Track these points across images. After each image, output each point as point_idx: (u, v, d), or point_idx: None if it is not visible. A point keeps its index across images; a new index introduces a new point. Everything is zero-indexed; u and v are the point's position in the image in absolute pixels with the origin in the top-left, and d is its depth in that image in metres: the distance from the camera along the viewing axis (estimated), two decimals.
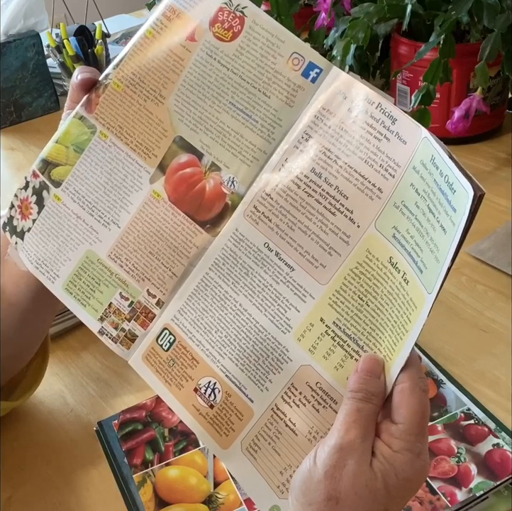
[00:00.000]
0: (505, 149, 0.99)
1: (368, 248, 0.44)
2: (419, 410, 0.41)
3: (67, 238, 0.54)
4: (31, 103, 1.22)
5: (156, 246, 0.52)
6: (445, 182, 0.40)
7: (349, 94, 0.46)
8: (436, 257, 0.40)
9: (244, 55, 0.50)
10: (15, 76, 1.18)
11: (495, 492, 0.55)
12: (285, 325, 0.47)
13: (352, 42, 0.90)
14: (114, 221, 0.53)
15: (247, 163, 0.49)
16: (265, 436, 0.46)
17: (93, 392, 0.69)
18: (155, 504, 0.57)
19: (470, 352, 0.68)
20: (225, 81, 0.50)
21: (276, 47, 0.49)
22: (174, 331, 0.50)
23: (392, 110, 0.45)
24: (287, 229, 0.47)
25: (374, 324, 0.43)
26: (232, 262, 0.49)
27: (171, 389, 0.50)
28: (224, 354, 0.48)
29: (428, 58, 0.87)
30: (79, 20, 1.27)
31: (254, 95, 0.49)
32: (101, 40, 1.11)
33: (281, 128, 0.49)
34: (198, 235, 0.50)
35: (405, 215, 0.43)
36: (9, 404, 0.64)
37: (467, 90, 0.95)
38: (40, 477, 0.61)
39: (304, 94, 0.48)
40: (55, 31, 1.15)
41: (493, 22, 0.84)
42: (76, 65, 1.08)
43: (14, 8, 1.16)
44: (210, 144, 0.51)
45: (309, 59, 0.48)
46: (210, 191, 0.50)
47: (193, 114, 0.51)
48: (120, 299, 0.53)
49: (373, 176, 0.44)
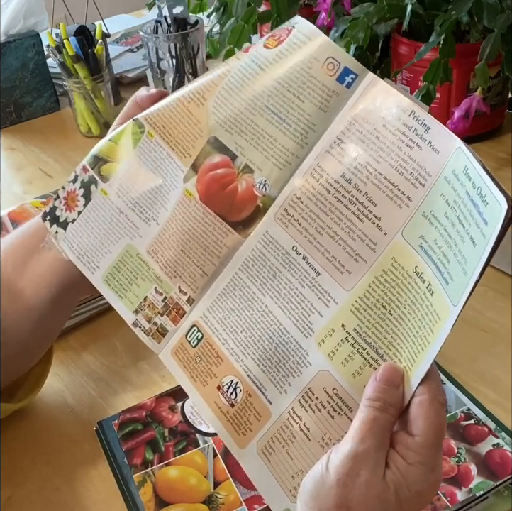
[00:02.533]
0: (505, 149, 0.99)
1: (394, 257, 0.44)
2: (436, 424, 0.41)
3: (110, 231, 0.56)
4: (31, 103, 1.22)
5: (188, 244, 0.52)
6: (478, 194, 0.40)
7: (383, 100, 0.46)
8: (464, 270, 0.40)
9: (282, 59, 0.50)
10: (15, 76, 1.17)
11: (495, 492, 0.55)
12: (308, 329, 0.47)
13: (352, 42, 0.90)
14: (154, 217, 0.54)
15: (279, 167, 0.49)
16: (280, 439, 0.46)
17: (93, 392, 0.69)
18: (155, 504, 0.57)
19: (470, 352, 0.68)
20: (262, 84, 0.51)
21: (313, 52, 0.49)
22: (202, 328, 0.51)
23: (426, 118, 0.45)
24: (315, 233, 0.47)
25: (395, 334, 0.43)
26: (260, 263, 0.49)
27: (196, 385, 0.51)
28: (247, 354, 0.49)
29: (428, 58, 0.87)
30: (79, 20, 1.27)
31: (288, 99, 0.49)
32: (101, 40, 1.11)
33: (315, 133, 0.48)
34: (229, 236, 0.51)
35: (433, 225, 0.42)
36: (10, 407, 0.64)
37: (467, 90, 0.95)
38: (40, 477, 0.61)
39: (338, 100, 0.48)
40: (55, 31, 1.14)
41: (493, 22, 0.84)
42: (76, 65, 1.08)
43: (14, 8, 1.16)
44: (245, 146, 0.51)
45: (344, 64, 0.48)
46: (242, 193, 0.51)
47: (229, 116, 0.52)
48: (155, 293, 0.54)
49: (403, 184, 0.44)
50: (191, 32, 1.09)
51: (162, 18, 1.11)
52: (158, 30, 1.11)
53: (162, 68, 1.13)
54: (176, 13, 1.10)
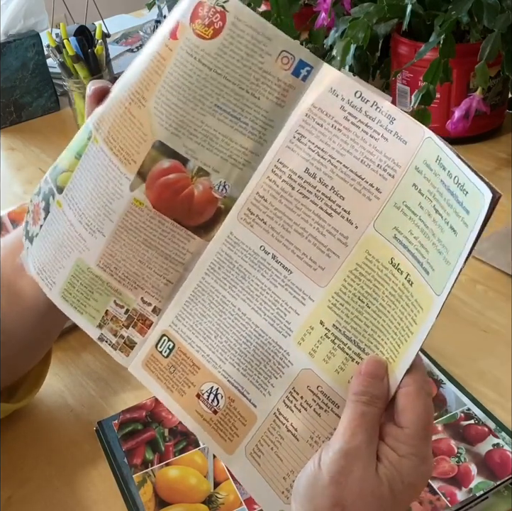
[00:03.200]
0: (505, 149, 0.99)
1: (367, 249, 0.43)
2: (424, 414, 0.41)
3: (62, 245, 0.54)
4: (31, 103, 1.22)
5: (146, 255, 0.51)
6: (455, 183, 0.39)
7: (342, 91, 0.45)
8: (445, 259, 0.40)
9: (227, 54, 0.47)
10: (15, 76, 1.18)
11: (495, 492, 0.55)
12: (285, 328, 0.46)
13: (352, 42, 0.90)
14: (99, 229, 0.52)
15: (238, 166, 0.48)
16: (268, 442, 0.46)
17: (93, 392, 0.69)
18: (155, 504, 0.57)
19: (470, 352, 0.68)
20: (208, 82, 0.47)
21: (263, 46, 0.46)
22: (173, 337, 0.50)
23: (390, 109, 0.43)
24: (283, 231, 0.46)
25: (375, 326, 0.43)
26: (228, 266, 0.48)
27: (174, 396, 0.49)
28: (225, 359, 0.48)
29: (428, 58, 0.87)
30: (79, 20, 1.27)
31: (241, 96, 0.47)
32: (101, 40, 1.11)
33: (273, 129, 0.47)
34: (190, 241, 0.50)
35: (407, 215, 0.42)
36: (10, 407, 0.64)
37: (467, 90, 0.95)
38: (40, 477, 0.61)
39: (295, 93, 0.46)
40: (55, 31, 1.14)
41: (493, 22, 0.84)
42: (76, 65, 1.08)
43: (14, 8, 1.16)
44: (196, 149, 0.48)
45: (299, 57, 0.46)
46: (200, 196, 0.49)
47: (174, 118, 0.48)
48: (115, 306, 0.52)
49: (370, 176, 0.44)
50: None
51: (162, 18, 1.11)
52: None
53: None
54: None
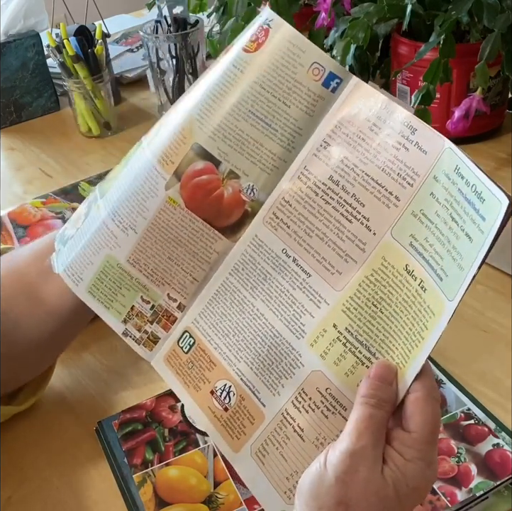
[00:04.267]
0: (505, 149, 0.99)
1: (384, 256, 0.44)
2: (432, 420, 0.41)
3: (91, 242, 0.55)
4: (31, 103, 1.22)
5: (175, 252, 0.52)
6: (472, 191, 0.40)
7: (368, 103, 0.47)
8: (459, 265, 0.40)
9: (265, 65, 0.50)
10: (15, 76, 1.17)
11: (495, 492, 0.55)
12: (299, 330, 0.47)
13: (352, 42, 0.90)
14: (132, 226, 0.53)
15: (267, 171, 0.50)
16: (274, 441, 0.46)
17: (93, 392, 0.69)
18: (155, 504, 0.57)
19: (470, 352, 0.68)
20: (246, 89, 0.50)
21: (297, 57, 0.49)
22: (194, 333, 0.51)
23: (412, 120, 0.45)
24: (305, 235, 0.48)
25: (387, 331, 0.43)
26: (251, 267, 0.50)
27: (189, 391, 0.51)
28: (240, 358, 0.49)
29: (428, 58, 0.87)
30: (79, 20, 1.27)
31: (274, 104, 0.50)
32: (101, 40, 1.11)
33: (301, 137, 0.49)
34: (218, 241, 0.51)
35: (423, 223, 0.43)
36: (11, 409, 0.64)
37: (467, 90, 0.95)
38: (40, 477, 0.61)
39: (324, 104, 0.49)
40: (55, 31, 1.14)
41: (493, 22, 0.84)
42: (76, 65, 1.08)
43: (14, 8, 1.16)
44: (229, 152, 0.51)
45: (329, 69, 0.48)
46: (229, 198, 0.51)
47: (213, 122, 0.51)
48: (141, 302, 0.54)
49: (390, 184, 0.45)
50: (191, 32, 1.09)
51: (162, 18, 1.11)
52: (158, 30, 1.11)
53: (162, 68, 1.13)
54: (176, 13, 1.10)
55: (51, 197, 0.98)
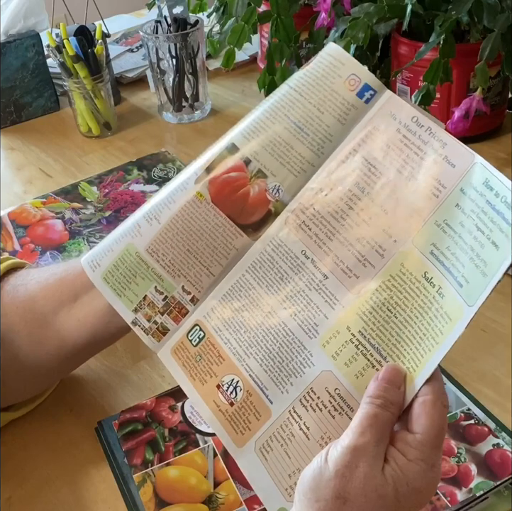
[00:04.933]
0: (505, 149, 0.99)
1: (402, 262, 0.45)
2: (438, 424, 0.41)
3: (116, 232, 0.56)
4: (31, 103, 1.22)
5: (195, 245, 0.53)
6: (502, 202, 0.42)
7: (399, 115, 0.49)
8: (483, 272, 0.42)
9: (308, 76, 0.52)
10: (15, 76, 1.17)
11: (495, 492, 0.55)
12: (313, 330, 0.47)
13: (352, 42, 0.90)
14: (156, 216, 0.54)
15: (294, 173, 0.51)
16: (279, 438, 0.47)
17: (93, 392, 0.69)
18: (155, 504, 0.57)
19: (470, 352, 0.68)
20: (286, 97, 0.53)
21: (337, 69, 0.51)
22: (205, 327, 0.52)
23: (442, 134, 0.47)
24: (325, 238, 0.49)
25: (399, 336, 0.44)
26: (268, 266, 0.50)
27: (195, 384, 0.51)
28: (250, 354, 0.49)
29: (428, 58, 0.87)
30: (79, 20, 1.27)
31: (309, 110, 0.51)
32: (101, 40, 1.11)
33: (331, 143, 0.50)
34: (238, 238, 0.52)
35: (446, 233, 0.44)
36: (9, 416, 0.64)
37: (467, 90, 0.95)
38: (40, 477, 0.61)
39: (357, 113, 0.50)
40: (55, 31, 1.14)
41: (493, 22, 0.84)
42: (76, 65, 1.08)
43: (14, 8, 1.16)
44: (260, 151, 0.52)
45: (365, 80, 0.51)
46: (254, 197, 0.52)
47: (252, 126, 0.53)
48: (155, 292, 0.54)
49: (416, 195, 0.46)
50: (191, 32, 1.09)
51: (162, 18, 1.11)
52: (158, 30, 1.11)
53: (162, 68, 1.13)
54: (176, 13, 1.10)
55: (51, 197, 0.98)
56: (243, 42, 1.04)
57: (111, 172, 1.03)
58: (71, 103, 1.14)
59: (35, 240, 0.89)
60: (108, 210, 0.94)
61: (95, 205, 0.96)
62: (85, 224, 0.92)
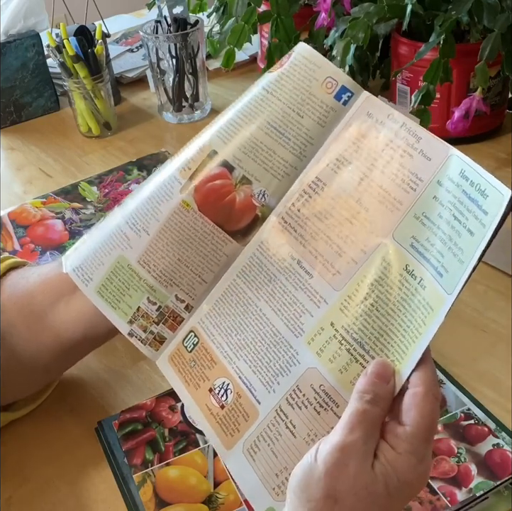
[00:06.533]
0: (505, 149, 0.99)
1: (384, 257, 0.46)
2: (429, 416, 0.41)
3: (104, 244, 0.56)
4: (31, 103, 1.22)
5: (185, 253, 0.53)
6: (476, 190, 0.42)
7: (376, 114, 0.50)
8: (460, 260, 0.42)
9: (284, 80, 0.53)
10: (15, 76, 1.17)
11: (495, 492, 0.55)
12: (298, 329, 0.48)
13: (352, 42, 0.90)
14: (145, 228, 0.55)
15: (278, 178, 0.52)
16: (266, 438, 0.47)
17: (93, 392, 0.69)
18: (155, 504, 0.57)
19: (470, 352, 0.68)
20: (264, 102, 0.53)
21: (313, 72, 0.52)
22: (199, 333, 0.53)
23: (417, 129, 0.48)
24: (310, 239, 0.50)
25: (382, 329, 0.44)
26: (257, 269, 0.51)
27: (189, 389, 0.52)
28: (240, 356, 0.50)
29: (428, 58, 0.87)
30: (79, 20, 1.27)
31: (288, 115, 0.52)
32: (101, 40, 1.11)
33: (313, 146, 0.51)
34: (228, 244, 0.53)
35: (425, 225, 0.45)
36: (9, 416, 0.64)
37: (467, 90, 0.95)
38: (40, 477, 0.61)
39: (335, 116, 0.51)
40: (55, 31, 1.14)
41: (493, 22, 0.84)
42: (76, 65, 1.08)
43: (14, 8, 1.16)
44: (243, 158, 0.53)
45: (342, 83, 0.51)
46: (241, 203, 0.53)
47: (230, 131, 0.54)
48: (147, 303, 0.54)
49: (394, 190, 0.47)
50: (191, 32, 1.09)
51: (162, 18, 1.11)
52: (158, 30, 1.11)
53: (162, 68, 1.13)
54: (176, 13, 1.10)
55: (51, 197, 0.98)
56: (243, 42, 1.04)
57: (111, 172, 1.03)
58: (71, 103, 1.14)
59: (35, 240, 0.89)
60: (108, 210, 0.94)
61: (95, 205, 0.96)
62: (85, 224, 0.92)
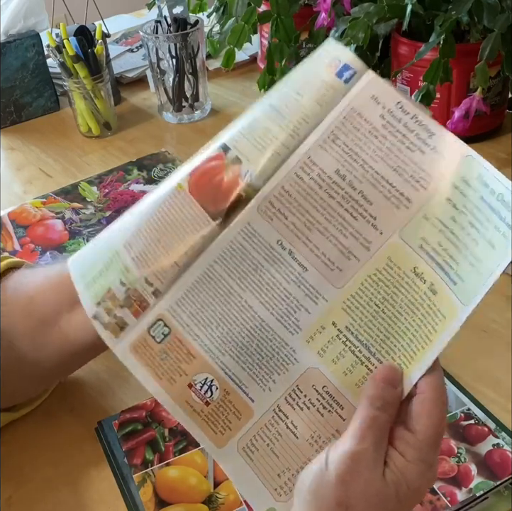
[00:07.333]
0: (505, 149, 0.99)
1: (389, 256, 0.44)
2: (438, 422, 0.41)
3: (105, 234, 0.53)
4: (31, 103, 1.22)
5: (165, 235, 0.49)
6: (498, 200, 0.41)
7: (383, 100, 0.46)
8: (478, 271, 0.41)
9: (297, 68, 0.50)
10: (15, 76, 1.17)
11: (495, 492, 0.55)
12: (293, 326, 0.46)
13: (352, 42, 0.90)
14: (141, 211, 0.51)
15: (266, 155, 0.48)
16: (264, 437, 0.46)
17: (93, 392, 0.69)
18: (155, 504, 0.57)
19: (470, 352, 0.68)
20: (272, 89, 0.50)
21: (323, 57, 0.49)
22: (170, 322, 0.48)
23: (429, 123, 0.45)
24: (304, 228, 0.46)
25: (388, 332, 0.43)
26: (240, 256, 0.47)
27: (162, 384, 0.48)
28: (225, 351, 0.47)
29: (428, 58, 0.87)
30: (79, 20, 1.27)
31: (289, 95, 0.48)
32: (101, 40, 1.11)
33: (307, 124, 0.47)
34: (206, 226, 0.48)
35: (436, 228, 0.43)
36: (9, 416, 0.64)
37: (467, 90, 0.95)
38: (40, 477, 0.61)
39: (335, 94, 0.47)
40: (55, 31, 1.14)
41: (493, 22, 0.84)
42: (76, 65, 1.08)
43: (14, 8, 1.16)
44: (239, 139, 0.49)
45: (345, 61, 0.47)
46: (228, 183, 0.49)
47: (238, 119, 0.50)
48: (118, 284, 0.50)
49: (401, 185, 0.45)
50: (191, 32, 1.09)
51: (162, 18, 1.11)
52: (158, 30, 1.11)
53: (162, 68, 1.13)
54: (176, 13, 1.10)
55: (51, 197, 0.98)
56: (243, 42, 1.04)
57: (111, 172, 1.03)
58: (71, 103, 1.14)
59: (35, 240, 0.89)
60: (108, 210, 0.94)
61: (95, 205, 0.96)
62: (85, 224, 0.92)
